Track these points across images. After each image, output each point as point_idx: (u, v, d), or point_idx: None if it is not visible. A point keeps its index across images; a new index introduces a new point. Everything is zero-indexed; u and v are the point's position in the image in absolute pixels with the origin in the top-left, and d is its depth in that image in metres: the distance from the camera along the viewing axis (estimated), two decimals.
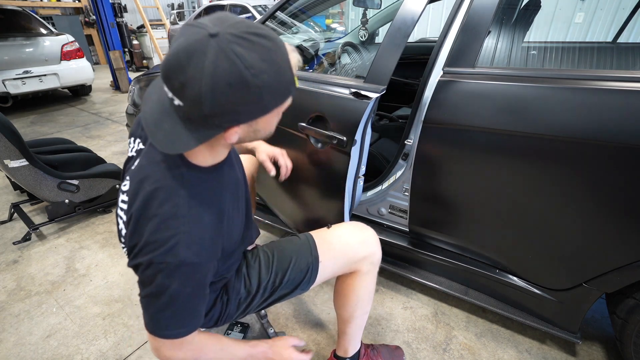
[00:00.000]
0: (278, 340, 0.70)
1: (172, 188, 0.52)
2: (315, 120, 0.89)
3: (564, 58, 1.42)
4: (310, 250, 0.75)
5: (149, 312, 0.54)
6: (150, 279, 0.52)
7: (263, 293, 0.73)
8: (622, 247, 0.76)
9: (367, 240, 0.78)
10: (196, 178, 0.54)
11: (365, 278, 0.78)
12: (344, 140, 0.79)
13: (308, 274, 0.74)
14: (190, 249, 0.51)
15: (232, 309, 0.72)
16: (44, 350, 1.04)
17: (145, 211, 0.51)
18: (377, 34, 1.87)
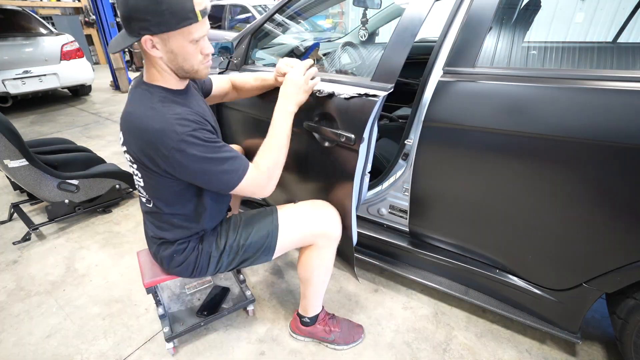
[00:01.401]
0: (291, 72, 0.82)
1: (150, 103, 0.69)
2: (321, 119, 0.89)
3: (564, 58, 1.42)
4: (272, 219, 0.86)
5: (217, 180, 0.72)
6: (186, 164, 0.68)
7: (229, 252, 0.85)
8: (622, 247, 0.76)
9: (326, 218, 0.87)
10: (164, 92, 0.72)
11: (320, 252, 0.89)
12: (352, 138, 0.81)
13: (268, 240, 0.85)
14: (184, 126, 0.67)
15: (204, 261, 0.85)
16: (44, 351, 1.04)
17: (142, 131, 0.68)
18: (377, 34, 1.87)
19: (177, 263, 0.85)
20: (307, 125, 0.91)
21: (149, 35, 0.64)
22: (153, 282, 0.94)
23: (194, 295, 1.23)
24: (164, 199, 0.79)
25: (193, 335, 1.09)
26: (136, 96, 0.73)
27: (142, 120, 0.68)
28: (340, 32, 4.27)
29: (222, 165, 0.71)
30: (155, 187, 0.77)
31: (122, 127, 0.73)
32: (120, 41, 0.68)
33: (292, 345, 1.05)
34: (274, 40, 1.51)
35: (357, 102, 0.80)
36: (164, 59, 0.69)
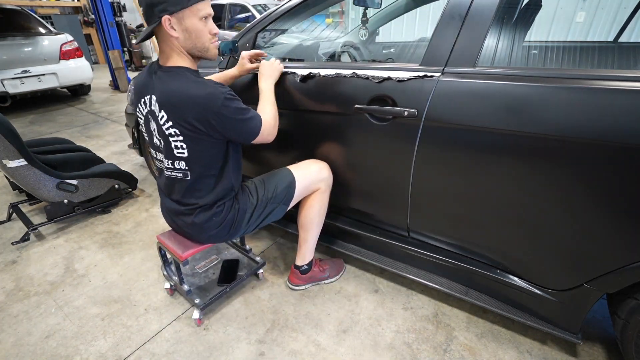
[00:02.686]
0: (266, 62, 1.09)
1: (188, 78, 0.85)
2: (372, 102, 0.98)
3: (565, 58, 1.42)
4: (288, 173, 1.08)
5: (248, 127, 0.91)
6: (230, 116, 0.85)
7: (260, 205, 1.03)
8: (623, 247, 0.75)
9: (323, 168, 1.12)
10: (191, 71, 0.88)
11: (323, 195, 1.13)
12: (415, 112, 0.91)
13: (290, 189, 1.06)
14: (222, 87, 0.86)
15: (240, 218, 1.01)
16: (43, 351, 1.04)
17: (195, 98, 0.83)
18: (377, 33, 1.87)
19: (217, 224, 0.99)
20: (357, 108, 1.00)
21: (168, 15, 0.79)
22: (190, 253, 1.04)
23: (207, 272, 1.32)
24: (203, 162, 0.92)
25: (193, 335, 1.08)
26: (168, 77, 0.86)
27: (192, 91, 0.83)
28: (340, 31, 4.26)
29: (250, 114, 0.91)
30: (200, 151, 0.90)
31: (163, 105, 0.85)
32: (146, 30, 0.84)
33: (292, 346, 1.05)
34: (273, 40, 1.50)
35: (416, 83, 0.90)
36: (180, 40, 0.84)
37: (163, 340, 1.07)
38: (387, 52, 1.83)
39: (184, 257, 1.03)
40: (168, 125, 0.86)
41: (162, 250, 1.19)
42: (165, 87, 0.84)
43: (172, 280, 1.22)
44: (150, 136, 0.95)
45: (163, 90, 0.84)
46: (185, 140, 0.87)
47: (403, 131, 0.95)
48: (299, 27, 1.96)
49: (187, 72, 0.86)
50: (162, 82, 0.85)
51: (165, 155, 0.93)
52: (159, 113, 0.86)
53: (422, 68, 0.91)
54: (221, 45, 1.16)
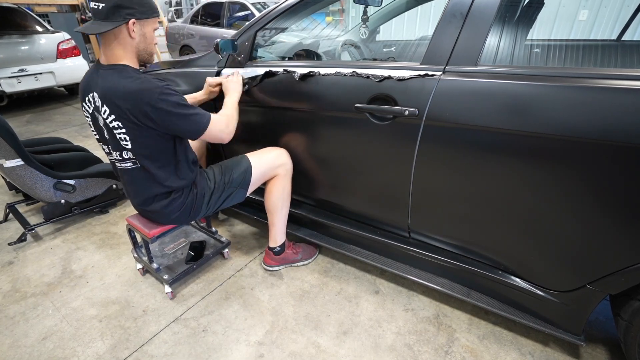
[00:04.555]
0: (228, 80, 1.18)
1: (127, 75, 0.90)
2: (372, 101, 0.97)
3: (567, 56, 1.41)
4: (245, 159, 1.16)
5: (191, 122, 0.95)
6: (168, 109, 0.90)
7: (218, 189, 1.11)
8: (626, 247, 0.75)
9: (281, 154, 1.19)
10: (132, 68, 0.94)
11: (283, 179, 1.20)
12: (416, 112, 0.90)
13: (246, 175, 1.14)
14: (162, 82, 0.91)
15: (199, 202, 1.09)
16: (40, 353, 1.03)
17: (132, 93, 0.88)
18: (378, 32, 1.85)
19: (177, 209, 1.06)
20: (357, 107, 0.99)
21: (134, 19, 0.89)
22: (157, 231, 1.11)
23: (175, 253, 1.38)
24: (149, 153, 0.96)
25: (191, 337, 1.07)
26: (109, 73, 0.90)
27: (130, 85, 0.87)
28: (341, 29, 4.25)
29: (194, 110, 0.95)
30: (143, 142, 0.94)
31: (104, 99, 0.90)
32: (100, 26, 0.87)
33: (291, 348, 1.04)
34: (273, 38, 1.49)
35: (417, 82, 0.90)
36: (134, 42, 0.92)
37: (161, 342, 1.06)
38: (388, 50, 1.82)
39: (151, 234, 1.10)
40: (111, 118, 0.91)
41: (131, 232, 1.25)
42: (106, 82, 0.89)
43: (142, 262, 1.29)
44: (99, 132, 0.99)
45: (104, 86, 0.89)
46: (128, 132, 0.92)
47: (404, 131, 0.94)
48: (299, 25, 1.95)
49: (128, 68, 0.92)
50: (103, 79, 0.90)
51: (113, 147, 0.97)
52: (102, 108, 0.91)
53: (423, 67, 0.90)
54: (220, 43, 1.15)
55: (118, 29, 0.88)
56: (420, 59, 0.92)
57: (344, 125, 1.06)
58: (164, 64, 1.62)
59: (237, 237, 1.57)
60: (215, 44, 1.16)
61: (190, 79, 1.40)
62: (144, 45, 0.95)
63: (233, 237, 1.57)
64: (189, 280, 1.31)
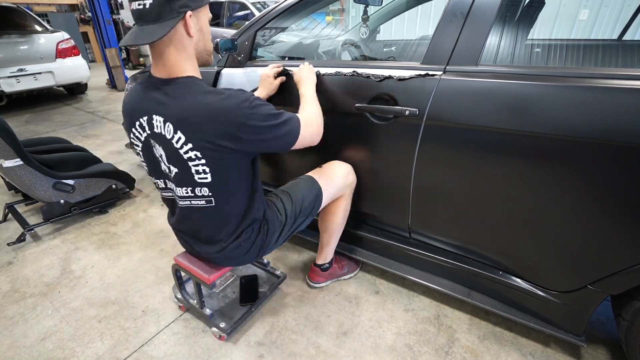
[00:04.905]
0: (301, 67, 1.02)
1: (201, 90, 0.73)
2: (373, 101, 0.96)
3: (568, 56, 1.41)
4: (313, 182, 1.01)
5: (284, 132, 0.79)
6: (260, 125, 0.74)
7: (290, 221, 0.96)
8: (628, 248, 0.74)
9: (350, 172, 1.07)
10: (200, 80, 0.76)
11: (348, 199, 1.10)
12: (416, 112, 0.89)
13: (317, 201, 1.00)
14: (244, 93, 0.74)
15: (270, 238, 0.93)
16: (39, 353, 1.03)
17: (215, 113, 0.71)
18: (378, 31, 1.85)
19: (245, 250, 0.90)
20: (358, 107, 0.98)
21: (190, 11, 0.69)
22: (217, 275, 0.96)
23: (225, 291, 1.22)
24: (229, 184, 0.81)
25: (191, 337, 1.07)
26: (178, 90, 0.73)
27: (213, 104, 0.70)
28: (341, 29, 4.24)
29: (285, 117, 0.79)
30: (225, 173, 0.78)
31: (179, 125, 0.72)
32: (152, 31, 0.68)
33: (291, 348, 1.03)
34: (273, 38, 1.48)
35: (417, 81, 0.89)
36: (193, 41, 0.74)
37: (161, 342, 1.06)
38: (388, 50, 1.82)
39: (211, 279, 0.93)
40: (187, 147, 0.73)
41: (178, 272, 1.07)
42: (178, 103, 0.71)
43: (188, 305, 1.11)
44: (154, 164, 0.82)
45: (176, 108, 0.71)
46: (209, 162, 0.74)
47: (404, 130, 0.93)
48: (299, 25, 1.94)
49: (197, 81, 0.74)
50: (172, 98, 0.72)
51: (179, 183, 0.79)
52: (173, 135, 0.72)
53: (424, 66, 0.90)
54: (220, 43, 1.14)
55: (173, 30, 0.69)
56: (420, 58, 0.92)
57: (344, 125, 1.06)
58: None
59: None
60: (215, 44, 1.16)
61: None
62: (203, 42, 0.76)
63: None
64: (188, 280, 1.30)
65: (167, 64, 0.73)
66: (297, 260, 1.41)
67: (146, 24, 0.68)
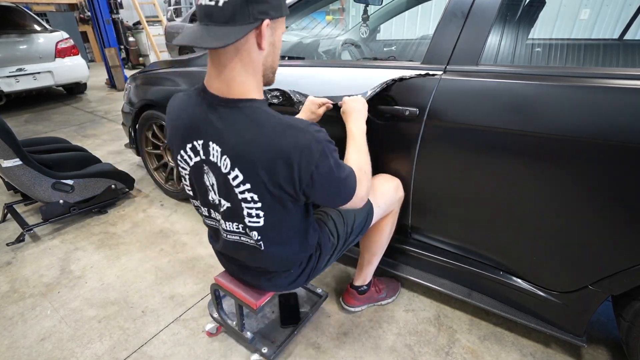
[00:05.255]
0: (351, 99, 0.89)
1: (271, 120, 0.60)
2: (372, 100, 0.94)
3: (569, 55, 1.41)
4: (367, 201, 0.85)
5: (344, 189, 0.68)
6: (326, 174, 0.62)
7: (341, 242, 0.89)
8: (628, 248, 0.74)
9: (399, 186, 0.99)
10: (266, 104, 0.64)
11: (395, 216, 1.01)
12: (416, 112, 0.88)
13: (368, 219, 0.92)
14: (318, 131, 0.62)
15: (320, 264, 0.86)
16: (38, 354, 1.02)
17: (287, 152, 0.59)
18: (378, 31, 1.85)
19: (295, 277, 0.82)
20: None
21: (269, 19, 0.58)
22: (263, 299, 0.87)
23: (263, 310, 1.13)
24: (282, 230, 0.72)
25: (191, 338, 1.07)
26: (239, 117, 0.60)
27: (283, 142, 0.58)
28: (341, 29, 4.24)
29: (347, 171, 0.67)
30: (280, 218, 0.69)
31: (236, 161, 0.61)
32: (222, 33, 0.55)
33: (290, 349, 1.03)
34: None
35: (418, 81, 0.88)
36: (262, 55, 0.62)
37: (160, 342, 1.06)
38: (389, 50, 1.81)
39: (258, 305, 0.85)
40: (244, 188, 0.63)
41: (217, 291, 0.98)
42: (238, 134, 0.60)
43: (224, 324, 1.02)
44: (202, 191, 0.71)
45: (235, 141, 0.60)
46: (264, 206, 0.65)
47: (404, 130, 0.93)
48: (299, 24, 1.94)
49: (263, 108, 0.61)
50: (230, 126, 0.61)
51: (228, 218, 0.71)
52: (229, 170, 0.63)
53: (424, 66, 0.90)
54: None
55: (244, 38, 0.57)
56: (421, 58, 0.92)
57: (344, 125, 1.06)
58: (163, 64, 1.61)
59: None
60: None
61: (190, 78, 1.39)
62: (272, 58, 0.65)
63: None
64: (188, 280, 1.30)
65: (228, 79, 0.60)
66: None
67: (215, 25, 0.56)
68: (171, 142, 0.71)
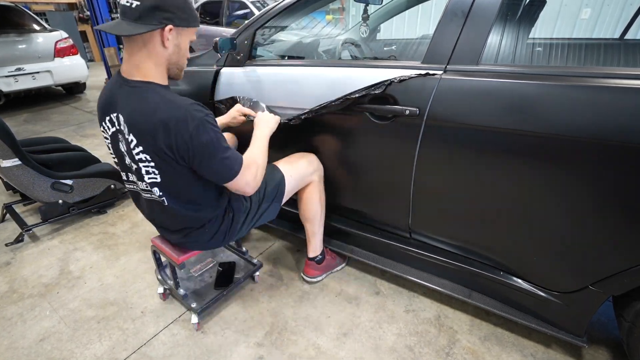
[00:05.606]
0: (263, 114, 1.03)
1: (158, 97, 0.75)
2: (372, 100, 0.96)
3: (570, 55, 1.40)
4: (276, 170, 1.05)
5: (221, 169, 0.80)
6: (201, 147, 0.75)
7: (254, 207, 1.00)
8: (629, 248, 0.74)
9: (312, 160, 1.12)
10: (163, 87, 0.79)
11: (318, 185, 1.13)
12: (417, 111, 0.88)
13: (280, 187, 1.04)
14: (198, 111, 0.75)
15: (235, 225, 0.97)
16: (37, 355, 1.02)
17: (165, 122, 0.73)
18: (378, 30, 1.84)
19: (210, 236, 0.95)
20: (358, 107, 0.98)
21: (172, 25, 0.74)
22: (186, 256, 1.02)
23: (203, 275, 1.29)
24: (179, 188, 0.84)
25: (190, 338, 1.06)
26: (135, 94, 0.76)
27: (164, 113, 0.73)
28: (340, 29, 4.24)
29: (229, 153, 0.80)
30: (173, 178, 0.82)
31: (132, 127, 0.76)
32: (130, 27, 0.71)
33: (291, 349, 1.03)
34: (273, 37, 1.48)
35: (418, 81, 0.88)
36: (167, 53, 0.77)
37: (160, 343, 1.05)
38: (389, 49, 1.81)
39: (180, 260, 1.00)
40: (138, 150, 0.77)
41: (156, 253, 1.15)
42: (133, 106, 0.75)
43: (166, 284, 1.17)
44: (120, 157, 0.86)
45: (131, 111, 0.76)
46: (157, 166, 0.79)
47: (404, 130, 0.93)
48: (299, 24, 1.94)
49: (157, 88, 0.76)
50: (129, 101, 0.76)
51: (137, 177, 0.85)
52: (128, 136, 0.77)
53: (424, 66, 0.89)
54: (220, 42, 1.14)
55: (149, 35, 0.72)
56: (421, 57, 0.91)
57: (345, 125, 1.05)
58: None
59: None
60: (214, 43, 1.15)
61: (189, 78, 1.38)
62: (176, 57, 0.80)
63: None
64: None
65: (133, 65, 0.76)
66: (297, 260, 1.40)
67: (127, 20, 0.72)
68: (98, 118, 0.86)
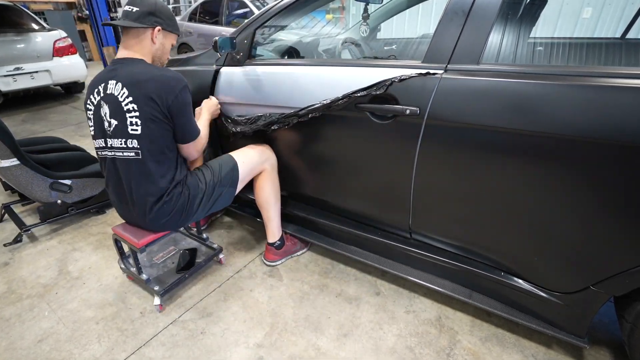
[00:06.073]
0: (207, 101, 1.26)
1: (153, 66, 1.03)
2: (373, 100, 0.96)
3: (571, 54, 1.40)
4: (231, 158, 1.18)
5: (190, 129, 1.03)
6: (182, 106, 0.98)
7: (209, 189, 1.10)
8: (630, 249, 0.74)
9: (264, 149, 1.23)
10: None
11: (271, 174, 1.24)
12: (417, 111, 0.88)
13: (234, 173, 1.15)
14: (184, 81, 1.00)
15: (191, 204, 1.06)
16: (36, 355, 1.02)
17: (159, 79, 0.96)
18: (378, 30, 1.84)
19: (167, 212, 1.03)
20: (359, 106, 0.98)
21: (160, 27, 1.02)
22: (146, 240, 1.07)
23: (165, 262, 1.35)
24: (154, 143, 0.97)
25: (190, 339, 1.06)
26: (133, 63, 0.99)
27: (158, 72, 0.96)
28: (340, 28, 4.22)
29: (193, 118, 1.04)
30: (152, 131, 0.96)
31: (126, 83, 0.94)
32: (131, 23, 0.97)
33: (291, 350, 1.03)
34: (272, 36, 1.47)
35: (418, 80, 0.88)
36: (153, 47, 1.03)
37: (159, 344, 1.05)
38: (389, 49, 1.80)
39: (140, 244, 1.06)
40: (128, 100, 0.94)
41: (118, 242, 1.21)
42: (131, 69, 0.96)
43: (129, 273, 1.24)
44: (99, 123, 1.00)
45: (129, 72, 0.95)
46: (141, 116, 0.94)
47: (405, 130, 0.93)
48: (299, 23, 1.93)
49: (147, 62, 1.02)
50: (127, 67, 0.97)
51: (115, 134, 0.97)
52: (120, 91, 0.94)
53: (425, 65, 0.89)
54: (219, 41, 1.14)
55: (143, 31, 0.99)
56: (421, 57, 0.91)
57: (345, 124, 1.05)
58: None
59: (235, 239, 1.56)
60: (214, 42, 1.15)
61: (188, 77, 1.38)
62: (160, 53, 1.05)
63: (231, 239, 1.55)
64: (187, 282, 1.29)
65: (128, 49, 1.01)
66: (298, 261, 1.40)
67: (127, 20, 0.98)
68: (85, 97, 1.03)
